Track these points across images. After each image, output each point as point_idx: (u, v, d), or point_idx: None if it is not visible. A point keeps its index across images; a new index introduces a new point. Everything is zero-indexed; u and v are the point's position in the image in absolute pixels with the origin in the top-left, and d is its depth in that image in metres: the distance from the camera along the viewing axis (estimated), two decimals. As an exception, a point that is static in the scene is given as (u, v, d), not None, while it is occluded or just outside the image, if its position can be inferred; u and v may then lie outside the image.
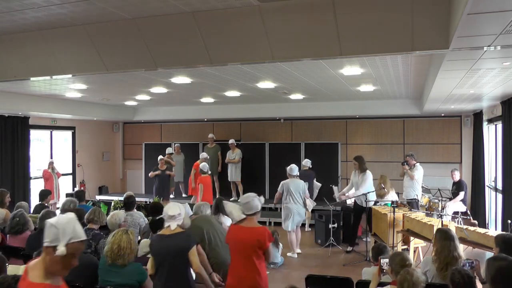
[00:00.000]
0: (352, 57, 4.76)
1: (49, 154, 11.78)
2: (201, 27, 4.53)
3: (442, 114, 10.83)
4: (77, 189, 12.20)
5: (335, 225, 8.13)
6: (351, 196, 7.76)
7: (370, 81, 7.53)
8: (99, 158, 13.63)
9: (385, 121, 11.54)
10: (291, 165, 7.53)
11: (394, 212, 6.57)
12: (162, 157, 10.52)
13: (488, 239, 5.32)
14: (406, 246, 6.66)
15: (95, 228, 4.84)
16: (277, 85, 7.92)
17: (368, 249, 7.15)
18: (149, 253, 4.34)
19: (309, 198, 7.87)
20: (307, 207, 7.82)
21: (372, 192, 7.44)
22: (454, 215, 7.83)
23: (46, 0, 4.04)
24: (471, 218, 8.10)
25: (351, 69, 6.31)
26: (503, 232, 6.12)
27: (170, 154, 11.37)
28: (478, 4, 2.60)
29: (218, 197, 7.41)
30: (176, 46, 4.85)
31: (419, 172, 8.43)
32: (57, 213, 6.35)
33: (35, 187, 10.38)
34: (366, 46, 4.19)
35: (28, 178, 10.48)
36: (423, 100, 8.67)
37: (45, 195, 7.07)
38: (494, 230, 7.78)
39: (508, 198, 7.01)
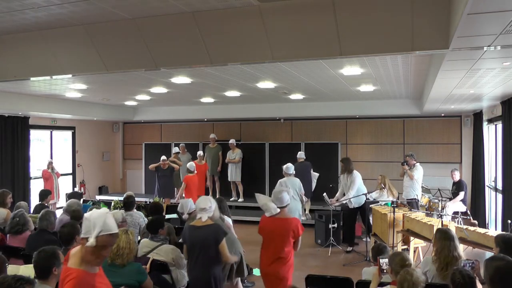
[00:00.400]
0: (352, 57, 4.76)
1: (49, 154, 11.77)
2: (201, 27, 4.53)
3: (442, 114, 10.83)
4: (76, 189, 12.22)
5: (335, 225, 8.15)
6: (345, 199, 7.78)
7: (370, 81, 7.53)
8: (99, 158, 13.63)
9: (385, 121, 11.54)
10: (287, 164, 7.92)
11: (394, 212, 6.58)
12: (165, 157, 10.44)
13: (488, 239, 5.32)
14: (406, 246, 6.66)
15: None
16: (277, 85, 7.92)
17: (368, 249, 7.16)
18: (149, 253, 4.47)
19: (304, 196, 8.25)
20: (304, 204, 8.36)
21: (363, 194, 7.66)
22: (454, 215, 7.82)
23: (46, 0, 4.04)
24: (471, 218, 8.08)
25: (351, 69, 6.31)
26: (503, 232, 6.12)
27: (176, 153, 11.31)
28: (478, 4, 2.60)
29: (218, 197, 7.44)
30: (176, 46, 4.85)
31: (419, 172, 8.43)
32: (57, 213, 6.35)
33: (35, 187, 10.38)
34: (366, 46, 4.19)
35: (28, 178, 10.48)
36: (423, 100, 8.67)
37: (45, 195, 7.08)
38: (494, 230, 7.78)
39: (508, 198, 7.01)
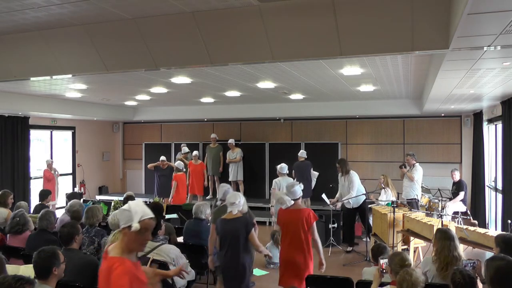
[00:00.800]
0: (352, 57, 4.76)
1: (49, 154, 11.77)
2: (201, 27, 4.53)
3: (442, 114, 10.83)
4: (76, 189, 12.23)
5: (335, 225, 8.15)
6: (346, 199, 7.79)
7: (370, 81, 7.53)
8: (99, 158, 13.63)
9: (385, 121, 11.53)
10: (281, 164, 8.12)
11: (394, 212, 6.57)
12: (164, 158, 10.48)
13: (488, 239, 5.31)
14: (406, 246, 6.66)
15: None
16: (277, 85, 7.92)
17: (368, 249, 7.15)
18: (149, 253, 4.50)
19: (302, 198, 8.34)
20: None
21: (362, 194, 7.72)
22: (454, 215, 7.83)
23: (46, 0, 4.04)
24: (471, 218, 8.09)
25: (351, 69, 6.31)
26: (503, 232, 6.12)
27: (186, 153, 11.21)
28: (478, 4, 2.60)
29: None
30: (176, 46, 4.85)
31: (419, 172, 8.43)
32: (57, 213, 6.35)
33: (35, 187, 10.38)
34: (366, 46, 4.19)
35: (28, 178, 10.48)
36: (423, 100, 8.67)
37: (45, 195, 7.08)
38: (494, 230, 7.78)
39: (508, 198, 7.01)
